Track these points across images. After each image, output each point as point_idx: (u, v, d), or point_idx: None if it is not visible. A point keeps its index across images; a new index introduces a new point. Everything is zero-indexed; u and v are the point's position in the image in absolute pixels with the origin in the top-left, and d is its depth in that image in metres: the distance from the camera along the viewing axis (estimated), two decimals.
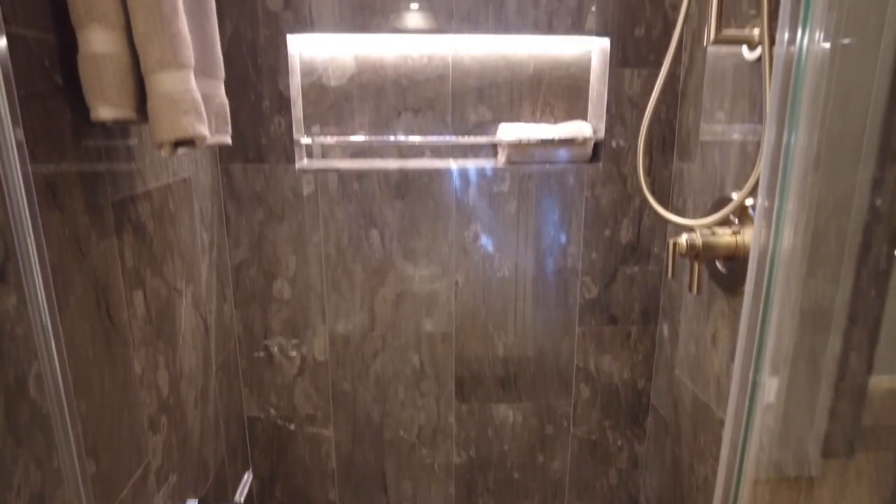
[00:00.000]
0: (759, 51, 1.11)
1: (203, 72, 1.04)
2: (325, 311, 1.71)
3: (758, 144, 1.14)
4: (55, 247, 0.84)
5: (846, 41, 0.79)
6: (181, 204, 1.31)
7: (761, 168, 0.79)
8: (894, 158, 0.90)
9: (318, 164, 1.66)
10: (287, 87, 1.55)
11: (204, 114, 0.88)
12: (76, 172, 0.89)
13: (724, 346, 1.29)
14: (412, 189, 1.64)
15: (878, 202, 0.95)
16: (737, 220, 1.19)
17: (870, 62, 0.86)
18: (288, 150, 1.59)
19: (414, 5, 1.52)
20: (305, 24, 1.51)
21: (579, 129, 1.63)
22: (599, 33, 1.56)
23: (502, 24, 1.54)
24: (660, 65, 1.56)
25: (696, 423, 1.48)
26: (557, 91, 1.70)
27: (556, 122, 1.72)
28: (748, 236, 1.16)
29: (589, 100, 1.71)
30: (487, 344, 1.77)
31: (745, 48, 1.15)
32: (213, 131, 1.07)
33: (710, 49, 1.36)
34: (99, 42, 0.78)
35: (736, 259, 1.20)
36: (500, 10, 1.54)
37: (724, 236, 1.19)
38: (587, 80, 1.70)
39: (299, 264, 1.67)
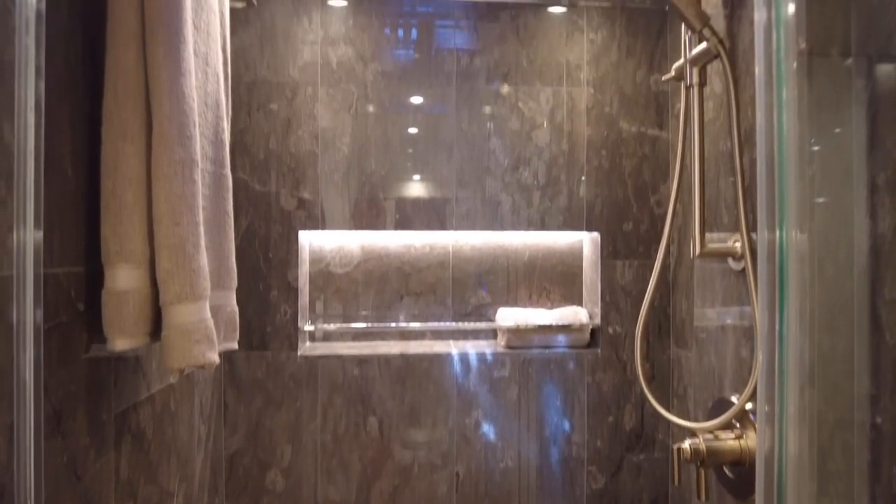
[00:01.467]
0: (742, 262, 1.18)
1: (217, 284, 1.10)
2: None
3: (752, 346, 1.17)
4: (51, 477, 0.83)
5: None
6: (182, 401, 1.30)
7: (758, 380, 0.80)
8: (887, 376, 0.92)
9: (321, 349, 1.69)
10: (296, 278, 1.62)
11: (215, 339, 0.91)
12: (84, 389, 0.90)
13: None
14: (413, 374, 1.64)
15: (879, 420, 0.95)
16: (738, 424, 1.18)
17: (846, 282, 0.92)
18: (292, 337, 1.62)
19: (417, 208, 1.64)
20: (317, 222, 1.62)
21: (576, 314, 1.68)
22: (590, 229, 1.67)
23: (498, 223, 1.66)
24: (649, 256, 1.65)
25: None
26: (552, 276, 1.78)
27: (552, 305, 1.78)
28: (752, 441, 1.15)
29: (583, 285, 1.78)
30: None
31: (730, 259, 1.23)
32: (221, 340, 1.10)
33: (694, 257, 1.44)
34: (124, 279, 0.84)
35: (742, 464, 1.18)
36: (495, 210, 1.66)
37: (728, 441, 1.17)
38: (580, 267, 1.79)
39: (294, 454, 1.62)
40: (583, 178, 1.67)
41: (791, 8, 0.78)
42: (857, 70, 0.91)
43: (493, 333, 1.77)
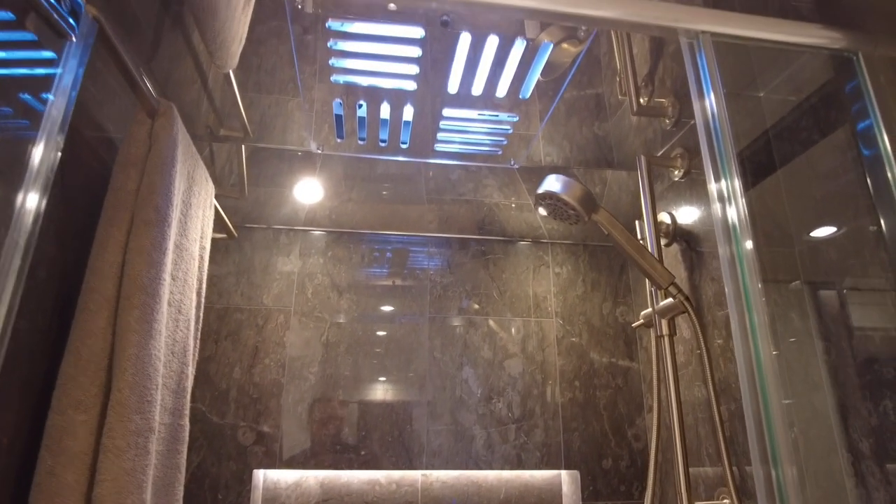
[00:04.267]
0: None
1: None
2: None
3: None
4: None
5: None
6: None
7: None
8: None
9: None
10: None
11: None
12: None
13: None
14: None
15: None
16: None
17: None
18: None
19: (387, 439, 1.55)
20: (274, 459, 1.50)
21: None
22: (569, 467, 1.58)
23: (473, 460, 1.56)
24: (632, 496, 1.55)
25: None
26: None
27: None
28: None
29: None
30: None
31: None
32: None
33: None
34: None
35: None
36: (469, 446, 1.57)
37: None
38: None
39: None
40: (559, 410, 1.63)
41: (748, 245, 0.87)
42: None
43: None
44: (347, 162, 1.62)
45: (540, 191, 1.15)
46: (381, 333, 1.64)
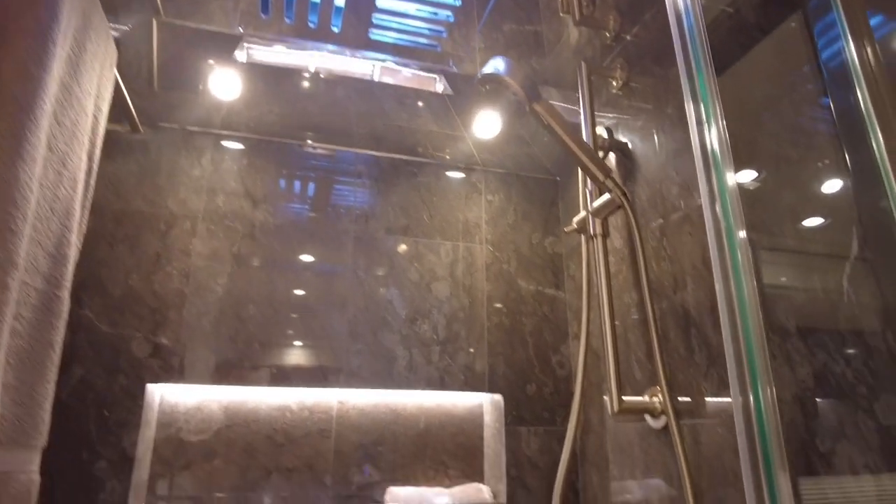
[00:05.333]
0: (663, 419, 1.08)
1: (13, 439, 0.80)
2: None
3: None
4: None
5: None
6: None
7: None
8: None
9: None
10: (134, 445, 1.28)
11: None
12: None
13: None
14: None
15: None
16: None
17: None
18: None
19: (300, 358, 1.44)
20: (173, 373, 1.35)
21: (478, 492, 1.46)
22: (492, 390, 1.53)
23: (394, 380, 1.48)
24: (555, 423, 1.52)
25: None
26: (451, 448, 1.57)
27: (450, 483, 1.54)
28: None
29: (485, 458, 1.58)
30: None
31: (647, 417, 1.13)
32: None
33: (609, 418, 1.34)
34: None
35: None
36: (390, 366, 1.49)
37: None
38: (481, 437, 1.60)
39: None
40: (485, 334, 1.58)
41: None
42: None
43: None
44: (270, 75, 1.49)
45: (484, 71, 1.09)
46: (299, 249, 1.52)
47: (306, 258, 1.51)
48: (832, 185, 0.98)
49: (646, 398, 1.11)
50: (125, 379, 1.31)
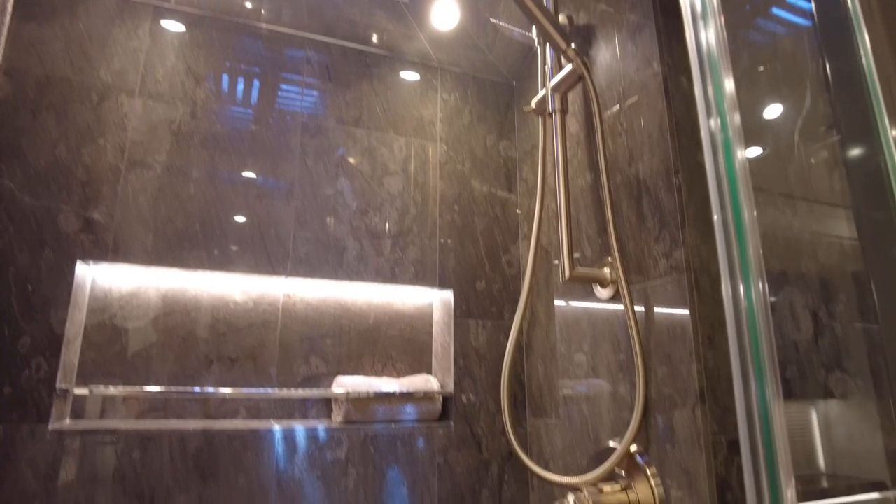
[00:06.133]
0: (611, 289, 1.11)
1: None
2: None
3: (633, 385, 1.05)
4: None
5: None
6: None
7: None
8: None
9: (86, 424, 1.22)
10: (62, 322, 1.20)
11: None
12: None
13: None
14: (217, 459, 1.24)
15: None
16: (623, 473, 1.02)
17: None
18: (42, 405, 1.15)
19: (243, 242, 1.38)
20: (106, 251, 1.26)
21: (426, 382, 1.46)
22: (443, 285, 1.53)
23: (343, 271, 1.44)
24: (503, 318, 1.54)
25: None
26: (399, 344, 1.56)
27: (398, 377, 1.54)
28: (642, 494, 0.99)
29: (433, 354, 1.58)
30: None
31: (597, 287, 1.15)
32: None
33: (557, 302, 1.36)
34: None
35: None
36: (340, 256, 1.45)
37: (615, 494, 1.00)
38: (430, 334, 1.60)
39: None
40: (437, 229, 1.56)
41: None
42: None
43: (326, 411, 1.46)
44: None
45: None
46: (244, 131, 1.44)
47: (252, 142, 1.44)
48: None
49: (594, 268, 1.13)
50: (51, 254, 1.22)
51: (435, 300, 1.61)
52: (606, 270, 1.12)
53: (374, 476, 1.34)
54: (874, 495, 0.90)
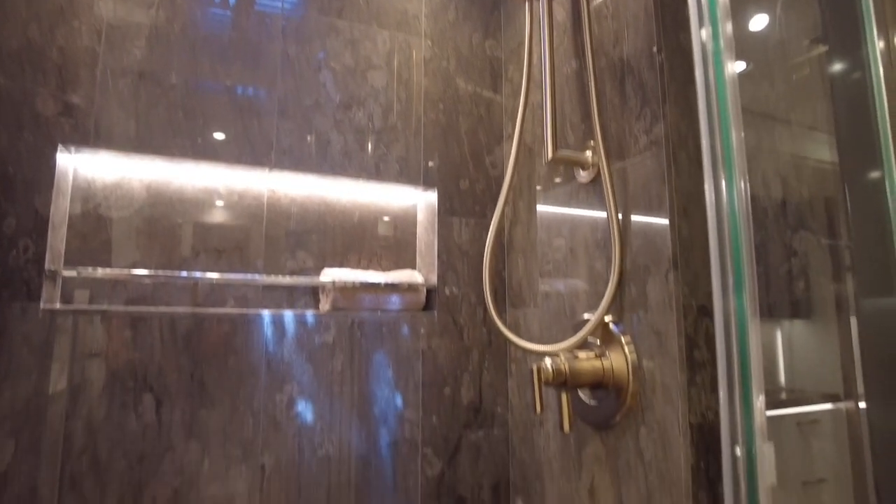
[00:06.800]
0: (592, 171, 1.13)
1: None
2: None
3: (609, 260, 1.10)
4: None
5: None
6: None
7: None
8: None
9: (76, 305, 1.25)
10: (46, 205, 1.20)
11: None
12: None
13: (608, 500, 1.07)
14: (207, 340, 1.28)
15: None
16: (599, 342, 1.09)
17: None
18: (32, 284, 1.17)
19: (227, 131, 1.37)
20: (87, 137, 1.25)
21: (411, 275, 1.50)
22: (427, 183, 1.54)
23: (328, 165, 1.45)
24: (485, 215, 1.57)
25: None
26: (384, 242, 1.59)
27: (383, 271, 1.57)
28: (616, 361, 1.05)
29: (417, 252, 1.62)
30: None
31: (579, 171, 1.18)
32: None
33: (539, 195, 1.39)
34: None
35: (605, 387, 1.07)
36: (324, 151, 1.45)
37: (590, 360, 1.06)
38: (414, 234, 1.63)
39: (19, 453, 1.12)
40: (421, 127, 1.56)
41: None
42: None
43: (314, 301, 1.50)
44: None
45: None
46: (225, 21, 1.40)
47: (233, 32, 1.40)
48: None
49: (578, 153, 1.16)
50: (31, 137, 1.20)
51: (419, 201, 1.63)
52: (588, 154, 1.14)
53: (361, 359, 1.40)
54: (828, 406, 0.96)
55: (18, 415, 1.13)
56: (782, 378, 1.03)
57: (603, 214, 1.12)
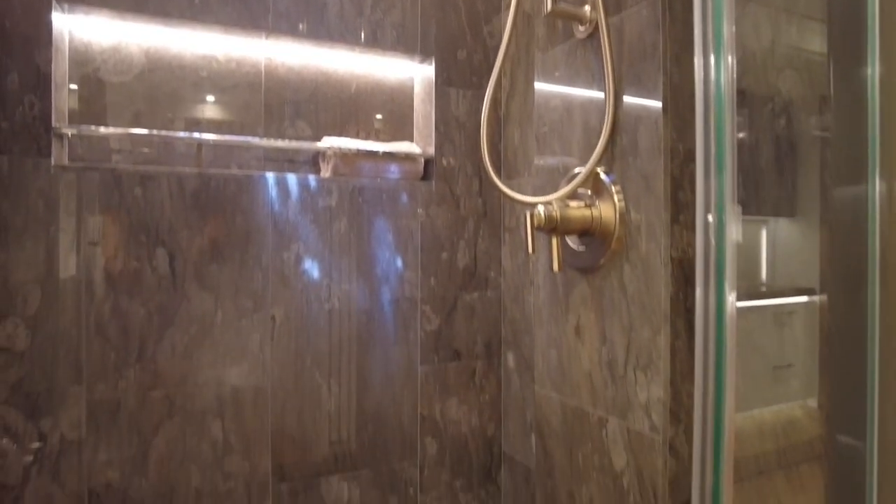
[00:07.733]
0: (590, 26, 1.15)
1: None
2: (84, 366, 1.23)
3: (603, 115, 1.14)
4: None
5: None
6: None
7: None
8: None
9: (87, 163, 1.29)
10: (47, 63, 1.21)
11: None
12: None
13: (592, 335, 1.17)
14: (215, 200, 1.34)
15: None
16: (590, 192, 1.15)
17: None
18: (42, 140, 1.20)
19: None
20: None
21: (409, 146, 1.54)
22: (424, 52, 1.54)
23: (324, 28, 1.44)
24: (482, 87, 1.58)
25: (569, 438, 1.30)
26: (381, 115, 1.61)
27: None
28: (604, 209, 1.12)
29: (414, 125, 1.65)
30: (314, 399, 1.43)
31: (577, 27, 1.19)
32: None
33: (537, 56, 1.40)
34: None
35: (593, 234, 1.14)
36: (321, 13, 1.44)
37: (580, 209, 1.13)
38: (411, 107, 1.65)
39: (46, 300, 1.20)
40: None
41: None
42: None
43: (314, 169, 1.54)
44: None
45: None
46: None
47: None
48: None
49: (577, 7, 1.16)
50: None
51: (416, 74, 1.64)
52: (587, 8, 1.15)
53: (363, 223, 1.47)
54: (803, 298, 1.02)
55: (41, 265, 1.20)
56: (763, 274, 1.09)
57: (600, 71, 1.15)
